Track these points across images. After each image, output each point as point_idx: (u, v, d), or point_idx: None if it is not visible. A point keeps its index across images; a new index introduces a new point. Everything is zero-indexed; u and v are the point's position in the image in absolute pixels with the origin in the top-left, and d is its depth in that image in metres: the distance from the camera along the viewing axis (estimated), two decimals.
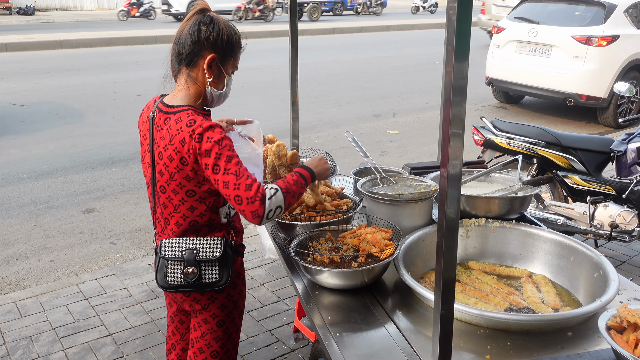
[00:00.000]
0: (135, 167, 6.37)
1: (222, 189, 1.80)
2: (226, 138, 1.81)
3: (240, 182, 1.77)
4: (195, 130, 1.79)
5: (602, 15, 8.00)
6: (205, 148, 1.78)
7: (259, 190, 1.78)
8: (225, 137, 1.81)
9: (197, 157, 1.81)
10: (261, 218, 1.79)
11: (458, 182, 1.35)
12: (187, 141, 1.80)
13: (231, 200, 1.79)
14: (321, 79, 11.47)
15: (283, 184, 1.88)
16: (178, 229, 1.96)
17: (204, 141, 1.78)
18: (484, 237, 2.33)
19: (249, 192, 1.76)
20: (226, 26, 1.92)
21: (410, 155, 6.98)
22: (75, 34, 17.52)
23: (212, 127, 1.80)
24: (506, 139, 4.29)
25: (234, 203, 1.79)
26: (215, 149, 1.78)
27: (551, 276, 2.19)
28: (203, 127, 1.79)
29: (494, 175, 2.78)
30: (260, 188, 1.79)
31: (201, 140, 1.78)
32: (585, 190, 4.01)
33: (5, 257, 4.42)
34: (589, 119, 8.72)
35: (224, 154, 1.78)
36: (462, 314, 1.77)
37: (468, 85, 1.30)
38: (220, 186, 1.79)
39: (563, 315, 1.78)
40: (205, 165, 1.80)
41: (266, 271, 4.16)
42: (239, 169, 1.78)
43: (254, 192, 1.77)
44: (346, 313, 1.91)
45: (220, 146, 1.78)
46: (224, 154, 1.78)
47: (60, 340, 3.35)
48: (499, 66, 8.99)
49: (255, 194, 1.77)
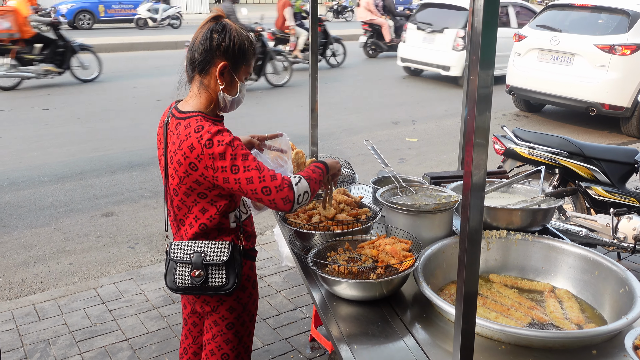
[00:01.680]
0: (154, 171, 6.41)
1: (246, 186, 1.83)
2: (236, 139, 1.85)
3: (264, 175, 1.84)
4: (203, 136, 1.82)
5: (626, 24, 7.88)
6: (219, 151, 1.80)
7: (284, 178, 1.87)
8: (235, 138, 1.85)
9: (208, 163, 1.82)
10: (292, 203, 1.88)
11: (481, 194, 1.32)
12: (196, 147, 1.82)
13: (259, 194, 1.84)
14: (339, 86, 11.46)
15: (303, 173, 1.99)
16: (190, 230, 1.99)
17: (215, 145, 1.81)
18: (506, 250, 2.28)
19: (275, 181, 1.85)
20: (238, 34, 1.93)
21: (430, 163, 6.93)
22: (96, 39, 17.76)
23: (220, 132, 1.83)
24: (528, 148, 4.22)
25: (262, 195, 1.84)
26: (229, 150, 1.81)
27: (574, 291, 2.14)
28: (211, 133, 1.82)
29: (516, 186, 2.72)
30: (285, 176, 1.88)
31: (212, 145, 1.81)
32: (609, 202, 3.93)
33: (25, 260, 4.46)
34: (611, 129, 8.58)
35: (239, 153, 1.83)
36: (482, 329, 1.73)
37: None
38: (244, 184, 1.83)
39: (588, 333, 1.72)
40: (222, 169, 1.82)
41: (283, 278, 4.14)
42: (258, 163, 1.85)
43: (280, 180, 1.86)
44: (364, 325, 1.87)
45: (232, 147, 1.82)
46: (239, 154, 1.83)
47: (78, 344, 3.36)
48: (520, 74, 8.90)
49: (282, 182, 1.86)
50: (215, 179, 1.85)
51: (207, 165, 1.83)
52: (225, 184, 1.86)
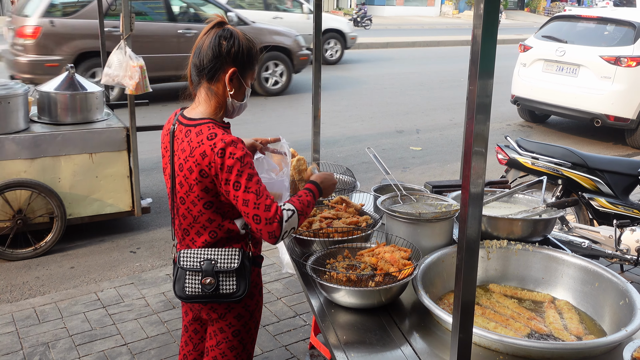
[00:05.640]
0: (156, 176, 6.41)
1: (241, 206, 1.83)
2: (248, 155, 1.85)
3: (260, 202, 1.81)
4: (216, 145, 1.82)
5: (631, 36, 7.87)
6: (228, 164, 1.81)
7: (278, 212, 1.83)
8: (247, 154, 1.85)
9: (217, 171, 1.83)
10: (277, 239, 1.85)
11: (480, 202, 1.32)
12: (209, 154, 1.82)
13: (249, 218, 1.84)
14: (344, 94, 11.48)
15: (299, 205, 1.93)
16: (198, 239, 1.98)
17: (226, 156, 1.81)
18: (506, 260, 2.28)
19: (268, 212, 1.81)
20: (246, 39, 1.95)
21: (433, 172, 6.92)
22: None
23: (234, 143, 1.83)
24: (531, 158, 4.22)
25: (251, 221, 1.84)
26: (238, 165, 1.81)
27: (574, 302, 2.13)
28: (225, 142, 1.82)
29: (518, 196, 2.72)
30: (279, 210, 1.84)
31: (224, 155, 1.81)
32: (612, 214, 3.92)
33: (27, 262, 4.47)
34: (616, 141, 8.56)
35: (246, 171, 1.82)
36: (481, 339, 1.72)
37: (493, 103, 1.27)
38: (240, 203, 1.83)
39: (587, 345, 1.71)
40: (226, 181, 1.83)
41: (283, 285, 4.13)
42: (259, 187, 1.83)
43: (273, 214, 1.82)
44: (362, 333, 1.87)
45: (242, 163, 1.82)
46: (246, 172, 1.82)
47: (77, 347, 3.36)
48: (525, 84, 8.89)
49: (274, 215, 1.82)
50: (220, 186, 1.87)
51: (217, 173, 1.84)
52: (226, 194, 1.87)
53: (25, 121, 4.44)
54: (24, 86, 4.59)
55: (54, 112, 4.63)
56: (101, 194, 4.73)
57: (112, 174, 4.72)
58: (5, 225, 4.42)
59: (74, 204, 4.63)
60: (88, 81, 4.96)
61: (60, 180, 4.53)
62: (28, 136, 4.36)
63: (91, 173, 4.64)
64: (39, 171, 4.43)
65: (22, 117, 4.41)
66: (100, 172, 4.67)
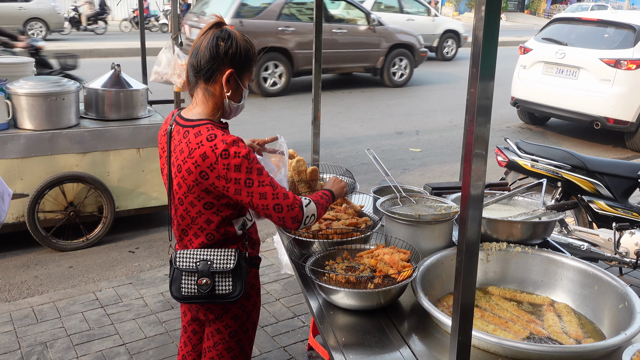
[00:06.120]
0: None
1: (257, 201, 1.85)
2: (251, 151, 1.85)
3: (277, 192, 1.86)
4: (218, 146, 1.80)
5: (632, 39, 7.88)
6: (235, 163, 1.80)
7: (296, 198, 1.91)
8: (251, 151, 1.85)
9: (222, 172, 1.81)
10: (300, 223, 1.92)
11: (480, 205, 1.32)
12: (210, 156, 1.81)
13: (269, 210, 1.86)
14: (344, 95, 11.48)
15: (312, 196, 2.02)
16: (196, 240, 1.98)
17: (231, 156, 1.80)
18: (505, 262, 2.27)
19: (287, 200, 1.88)
20: (244, 40, 1.94)
21: (432, 174, 6.92)
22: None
23: (235, 142, 1.82)
24: (530, 161, 4.22)
25: (272, 212, 1.87)
26: (245, 163, 1.81)
27: (574, 305, 2.12)
28: (227, 143, 1.81)
29: (517, 199, 2.71)
30: (296, 196, 1.92)
31: (228, 155, 1.80)
32: (611, 217, 3.91)
33: (26, 261, 4.46)
34: (616, 143, 8.56)
35: (254, 167, 1.83)
36: (480, 342, 1.72)
37: (493, 106, 1.27)
38: (256, 198, 1.84)
39: (586, 348, 1.71)
40: (235, 180, 1.81)
41: (282, 286, 4.13)
42: (272, 179, 1.88)
43: (292, 200, 1.89)
44: (360, 335, 1.86)
45: (249, 160, 1.82)
46: (254, 168, 1.83)
47: (75, 347, 3.36)
48: (525, 87, 8.89)
49: (294, 201, 1.90)
50: (226, 190, 1.84)
51: (219, 175, 1.82)
52: (235, 196, 1.85)
53: (76, 117, 4.59)
54: (76, 83, 4.72)
55: (100, 108, 4.78)
56: (147, 188, 4.89)
57: (157, 168, 4.79)
58: (57, 216, 4.60)
59: (121, 197, 4.80)
60: (133, 79, 5.04)
61: (110, 174, 4.69)
62: (80, 131, 4.52)
63: (138, 167, 4.80)
64: (90, 165, 4.59)
65: (74, 113, 4.56)
66: (146, 167, 4.84)
